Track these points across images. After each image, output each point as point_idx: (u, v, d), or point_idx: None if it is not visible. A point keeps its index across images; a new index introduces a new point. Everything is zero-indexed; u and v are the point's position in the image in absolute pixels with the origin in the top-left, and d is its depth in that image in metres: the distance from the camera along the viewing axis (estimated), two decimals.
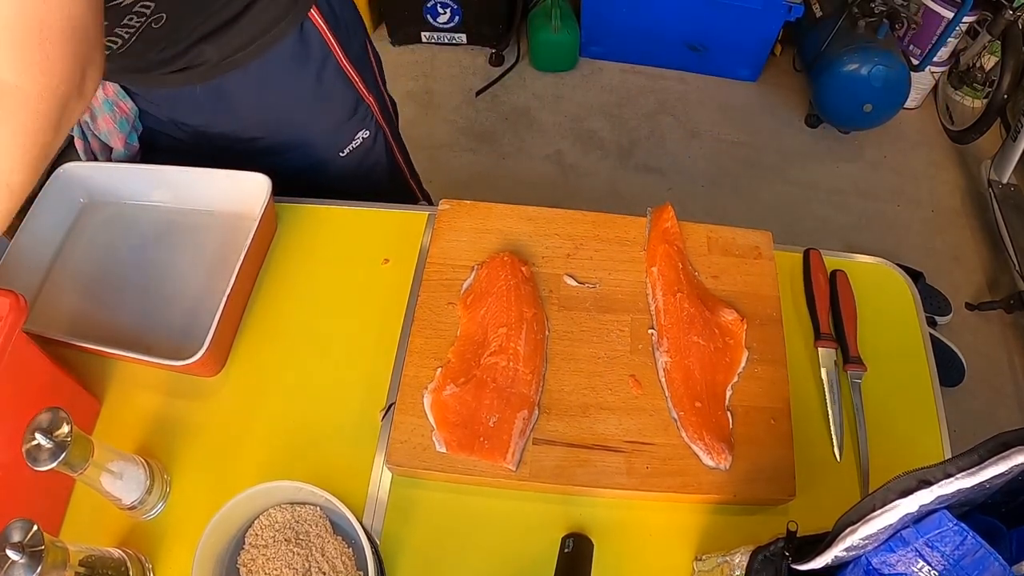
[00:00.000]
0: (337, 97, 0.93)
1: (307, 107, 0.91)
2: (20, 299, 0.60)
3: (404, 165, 1.12)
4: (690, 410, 0.71)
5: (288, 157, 0.94)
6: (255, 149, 0.93)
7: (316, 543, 0.63)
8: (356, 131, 0.97)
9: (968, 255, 2.01)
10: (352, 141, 0.98)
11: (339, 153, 0.98)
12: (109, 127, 0.88)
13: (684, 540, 0.69)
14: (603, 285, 0.81)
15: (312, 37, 0.85)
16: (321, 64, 0.88)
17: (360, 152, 0.99)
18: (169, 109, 0.88)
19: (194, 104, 0.85)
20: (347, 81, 0.92)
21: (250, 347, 0.80)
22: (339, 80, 0.91)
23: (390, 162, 1.07)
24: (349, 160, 0.99)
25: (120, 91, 0.85)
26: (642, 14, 2.19)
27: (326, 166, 0.98)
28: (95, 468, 0.60)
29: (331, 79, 0.90)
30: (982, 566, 0.41)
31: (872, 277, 0.87)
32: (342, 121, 0.96)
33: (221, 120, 0.88)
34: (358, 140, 0.98)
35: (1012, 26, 1.86)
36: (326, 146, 0.97)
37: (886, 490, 0.43)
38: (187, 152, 0.92)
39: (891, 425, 0.76)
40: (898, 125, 2.24)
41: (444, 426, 0.70)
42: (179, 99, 0.85)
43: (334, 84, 0.91)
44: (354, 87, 0.93)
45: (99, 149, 0.93)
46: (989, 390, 1.76)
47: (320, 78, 0.89)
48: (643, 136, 2.23)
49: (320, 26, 0.85)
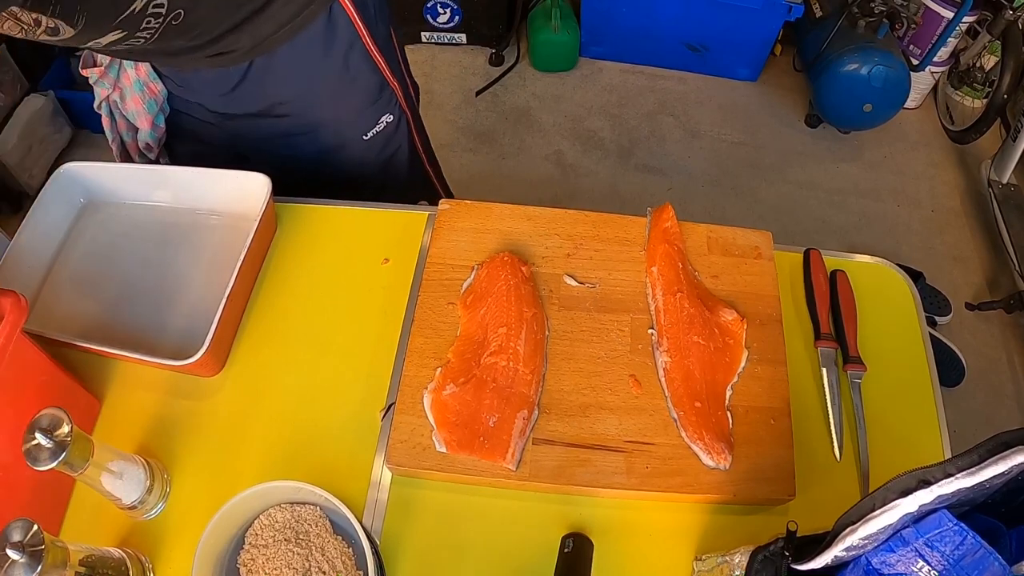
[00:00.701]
0: (363, 80, 0.94)
1: (333, 90, 0.92)
2: (20, 299, 0.60)
3: (423, 153, 1.13)
4: (690, 410, 0.71)
5: (311, 138, 0.95)
6: (278, 131, 0.93)
7: (316, 543, 0.63)
8: (380, 115, 0.98)
9: (968, 255, 2.01)
10: (376, 125, 0.99)
11: (362, 136, 0.98)
12: (138, 107, 0.89)
13: (684, 540, 0.69)
14: (603, 285, 0.81)
15: (340, 20, 0.86)
16: (348, 47, 0.89)
17: (383, 137, 1.00)
18: (196, 91, 0.89)
19: (222, 86, 0.86)
20: (373, 65, 0.93)
21: (250, 347, 0.80)
22: (365, 64, 0.92)
23: (411, 148, 1.08)
24: (371, 144, 1.00)
25: (152, 72, 0.86)
26: (642, 14, 2.19)
27: (348, 149, 0.99)
28: (95, 468, 0.60)
29: (358, 62, 0.91)
30: (982, 566, 0.41)
31: (872, 277, 0.87)
32: (367, 104, 0.96)
33: (247, 102, 0.89)
34: (382, 124, 0.99)
35: (1012, 26, 1.86)
36: (350, 129, 0.98)
37: (886, 490, 0.43)
38: (210, 136, 0.93)
39: (891, 425, 0.76)
40: (898, 125, 2.24)
41: (444, 426, 0.70)
42: (208, 81, 0.86)
43: (360, 67, 0.92)
44: (380, 71, 0.94)
45: (125, 129, 0.94)
46: (989, 390, 1.76)
47: (347, 61, 0.90)
48: (643, 136, 2.23)
49: (349, 9, 0.86)
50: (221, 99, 0.88)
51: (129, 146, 0.96)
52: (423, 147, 1.12)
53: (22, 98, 1.91)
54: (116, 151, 0.97)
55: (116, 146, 0.97)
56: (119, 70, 0.86)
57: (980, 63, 2.11)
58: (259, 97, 0.89)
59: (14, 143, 1.85)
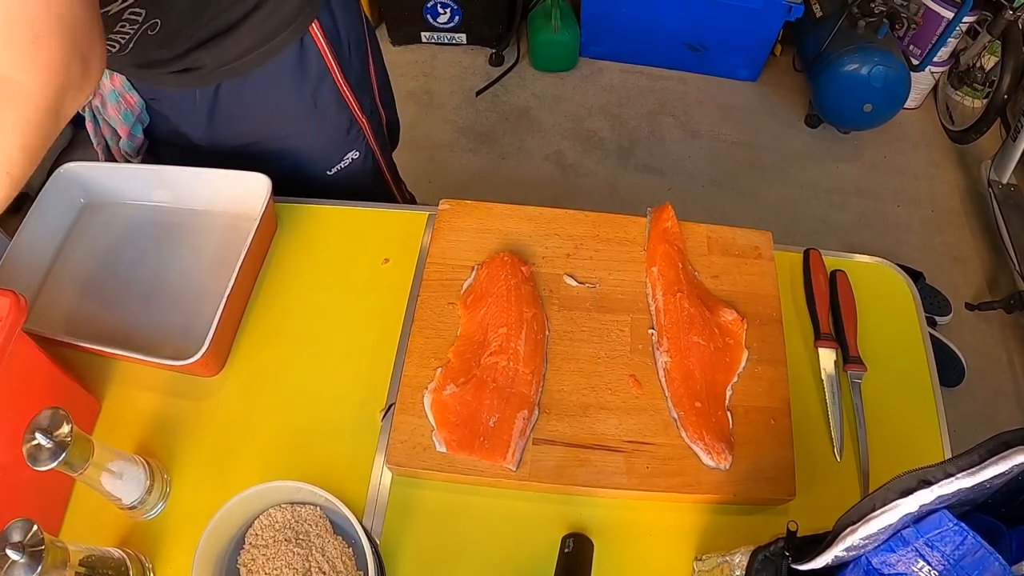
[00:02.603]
0: (331, 117, 0.92)
1: (301, 123, 0.91)
2: (20, 299, 0.60)
3: (393, 185, 1.12)
4: (690, 410, 0.71)
5: (277, 168, 0.92)
6: (246, 155, 0.92)
7: (316, 543, 0.63)
8: (346, 151, 0.97)
9: (968, 255, 2.01)
10: (341, 161, 0.97)
11: (327, 171, 0.97)
12: (115, 116, 0.89)
13: (684, 540, 0.69)
14: (603, 285, 0.81)
15: (311, 54, 0.85)
16: (318, 83, 0.87)
17: (347, 173, 0.99)
18: (168, 108, 0.88)
19: (191, 106, 0.85)
20: (342, 103, 0.91)
21: (250, 347, 0.80)
22: (334, 101, 0.90)
23: (378, 183, 1.07)
24: (336, 178, 0.99)
25: (127, 83, 0.85)
26: (642, 14, 2.19)
27: (313, 182, 0.97)
28: (95, 468, 0.60)
29: (327, 99, 0.89)
30: (982, 566, 0.41)
31: (872, 277, 0.87)
32: (333, 140, 0.95)
33: (215, 126, 0.88)
34: (347, 160, 0.98)
35: (1012, 26, 1.86)
36: (315, 163, 0.96)
37: (886, 490, 0.43)
38: (186, 150, 0.92)
39: (891, 425, 0.76)
40: (898, 125, 2.24)
41: (444, 426, 0.70)
42: (177, 100, 0.85)
43: (329, 104, 0.90)
44: (349, 109, 0.93)
45: (109, 134, 0.94)
46: (989, 390, 1.76)
47: (316, 96, 0.88)
48: (643, 136, 2.23)
49: (320, 44, 0.84)
50: (188, 119, 0.88)
51: (113, 151, 0.95)
52: (393, 180, 1.11)
53: None
54: (101, 154, 0.97)
55: (101, 150, 0.96)
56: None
57: (980, 63, 2.11)
58: (226, 123, 0.87)
59: None
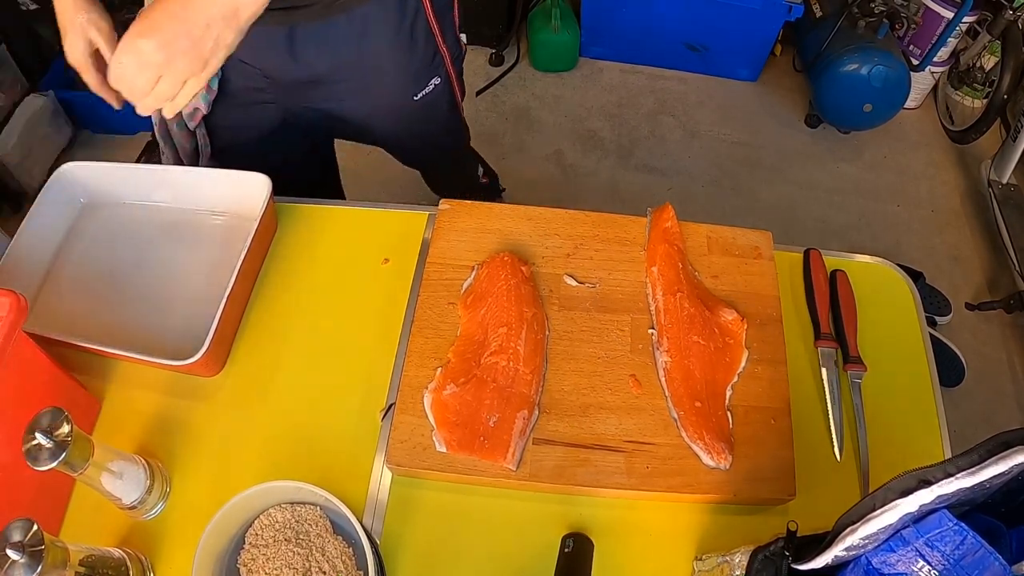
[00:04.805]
0: (419, 48, 0.98)
1: (394, 57, 0.96)
2: (20, 299, 0.60)
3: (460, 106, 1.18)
4: (690, 410, 0.71)
5: (363, 99, 1.01)
6: (332, 94, 0.97)
7: (316, 543, 0.63)
8: (431, 78, 1.03)
9: (968, 255, 2.01)
10: (426, 87, 1.04)
11: (413, 97, 1.03)
12: None
13: (684, 540, 0.69)
14: (603, 285, 0.81)
15: None
16: (414, 15, 0.93)
17: (431, 97, 1.05)
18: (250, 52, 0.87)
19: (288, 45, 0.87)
20: (430, 34, 0.98)
21: (250, 347, 0.80)
22: (424, 31, 0.96)
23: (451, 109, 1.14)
24: (420, 104, 1.05)
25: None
26: (642, 14, 2.19)
27: (399, 110, 1.04)
28: (95, 468, 0.60)
29: (420, 30, 0.95)
30: (982, 566, 0.41)
31: (872, 277, 0.87)
32: (419, 69, 1.01)
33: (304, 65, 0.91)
34: (431, 86, 1.04)
35: (1012, 26, 1.86)
36: (403, 91, 1.02)
37: (886, 490, 0.43)
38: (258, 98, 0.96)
39: (891, 425, 0.76)
40: (898, 125, 2.24)
41: (444, 426, 0.70)
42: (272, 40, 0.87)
43: (420, 36, 0.96)
44: (434, 39, 0.99)
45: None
46: (989, 390, 1.76)
47: (412, 28, 0.94)
48: (643, 136, 2.23)
49: None
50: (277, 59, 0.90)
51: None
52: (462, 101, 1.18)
53: (22, 98, 1.91)
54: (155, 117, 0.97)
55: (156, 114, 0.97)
56: None
57: (980, 63, 2.11)
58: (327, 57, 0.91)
59: (14, 143, 1.85)
